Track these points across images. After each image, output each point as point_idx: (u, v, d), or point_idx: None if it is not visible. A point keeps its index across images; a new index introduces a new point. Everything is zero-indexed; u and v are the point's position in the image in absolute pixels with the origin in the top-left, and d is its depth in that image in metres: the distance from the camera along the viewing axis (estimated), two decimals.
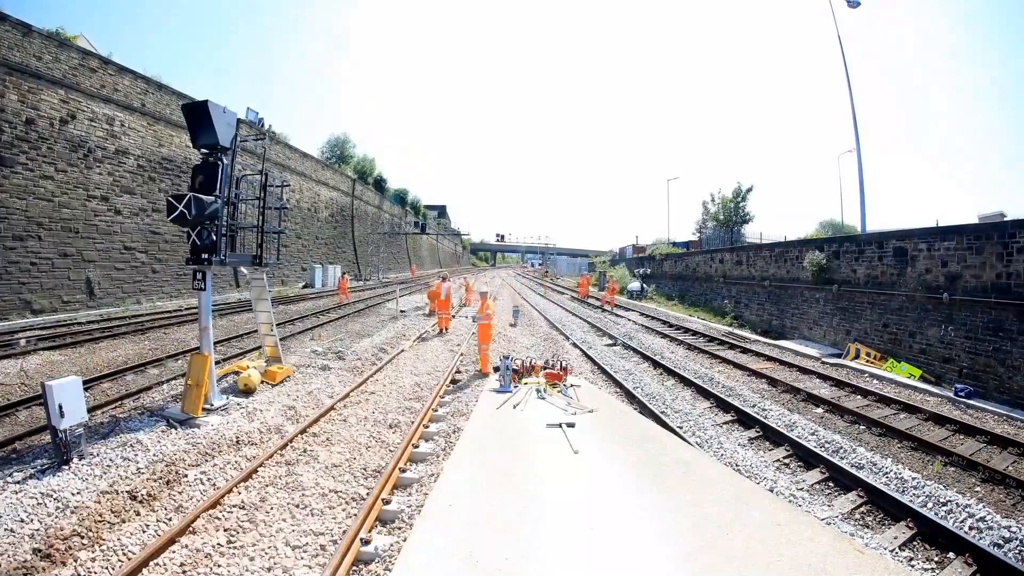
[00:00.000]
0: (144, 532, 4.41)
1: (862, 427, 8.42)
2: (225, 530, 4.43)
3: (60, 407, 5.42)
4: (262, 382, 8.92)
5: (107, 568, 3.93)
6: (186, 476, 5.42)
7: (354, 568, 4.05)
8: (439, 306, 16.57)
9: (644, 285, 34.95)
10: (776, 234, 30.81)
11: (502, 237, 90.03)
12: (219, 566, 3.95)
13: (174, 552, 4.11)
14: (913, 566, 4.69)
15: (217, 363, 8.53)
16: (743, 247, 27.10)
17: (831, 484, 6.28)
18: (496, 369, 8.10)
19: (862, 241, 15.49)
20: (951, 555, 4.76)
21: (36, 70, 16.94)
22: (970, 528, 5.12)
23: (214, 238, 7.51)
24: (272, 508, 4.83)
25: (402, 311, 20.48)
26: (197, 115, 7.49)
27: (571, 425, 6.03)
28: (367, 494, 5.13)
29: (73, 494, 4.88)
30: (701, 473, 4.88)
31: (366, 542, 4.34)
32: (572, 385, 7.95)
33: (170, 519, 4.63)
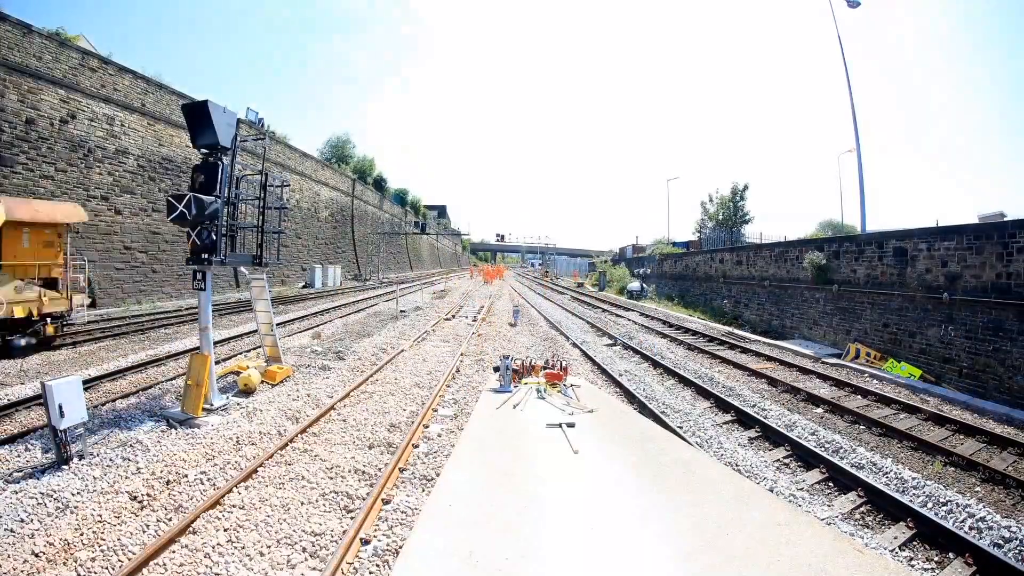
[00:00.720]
0: (144, 532, 4.40)
1: (862, 427, 8.42)
2: (225, 530, 4.43)
3: (60, 407, 5.42)
4: (262, 382, 8.93)
5: (107, 568, 3.93)
6: (186, 476, 5.42)
7: (354, 568, 4.05)
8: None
9: (644, 285, 34.97)
10: (776, 234, 30.87)
11: (502, 237, 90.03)
12: (219, 566, 3.95)
13: (174, 552, 4.11)
14: (913, 566, 4.69)
15: (217, 363, 8.53)
16: (743, 247, 27.12)
17: (831, 484, 6.28)
18: (496, 369, 8.10)
19: (862, 241, 15.50)
20: (951, 555, 4.76)
21: (36, 70, 16.95)
22: (970, 528, 5.12)
23: (214, 238, 7.51)
24: (272, 508, 4.83)
25: (402, 311, 20.47)
26: (197, 115, 7.50)
27: (571, 425, 6.03)
28: (367, 494, 5.13)
29: (73, 494, 4.89)
30: (701, 473, 4.88)
31: (366, 542, 4.34)
32: (572, 385, 7.95)
33: (170, 519, 4.63)
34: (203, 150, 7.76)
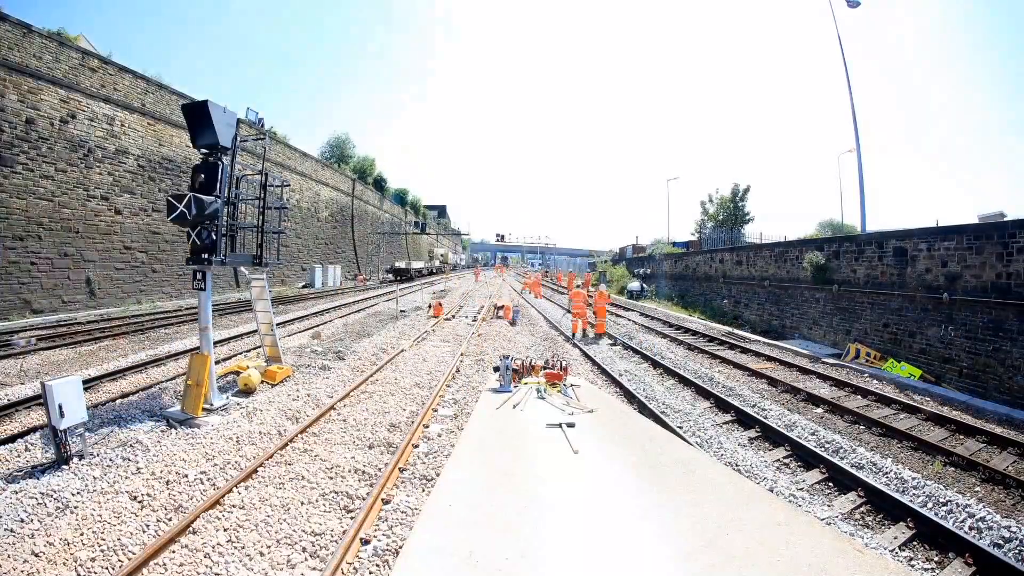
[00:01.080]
0: (144, 532, 4.40)
1: (862, 427, 8.42)
2: (225, 530, 4.43)
3: (60, 407, 5.42)
4: (262, 382, 8.93)
5: (107, 568, 3.93)
6: (186, 476, 5.42)
7: (354, 568, 4.05)
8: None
9: (644, 285, 34.98)
10: (776, 234, 30.83)
11: (502, 237, 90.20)
12: (219, 566, 3.96)
13: (174, 552, 4.11)
14: (913, 566, 4.69)
15: (217, 363, 8.53)
16: (743, 247, 27.11)
17: (831, 484, 6.28)
18: (496, 369, 8.10)
19: (862, 241, 15.50)
20: (951, 555, 4.76)
21: (36, 70, 16.95)
22: (970, 528, 5.12)
23: (214, 238, 7.51)
24: (272, 508, 4.83)
25: (402, 311, 20.47)
26: (197, 115, 7.50)
27: (571, 425, 6.03)
28: (367, 494, 5.13)
29: (73, 494, 4.89)
30: (701, 473, 4.87)
31: (366, 541, 4.35)
32: (572, 385, 7.94)
33: (170, 519, 4.63)
34: (203, 150, 7.76)
